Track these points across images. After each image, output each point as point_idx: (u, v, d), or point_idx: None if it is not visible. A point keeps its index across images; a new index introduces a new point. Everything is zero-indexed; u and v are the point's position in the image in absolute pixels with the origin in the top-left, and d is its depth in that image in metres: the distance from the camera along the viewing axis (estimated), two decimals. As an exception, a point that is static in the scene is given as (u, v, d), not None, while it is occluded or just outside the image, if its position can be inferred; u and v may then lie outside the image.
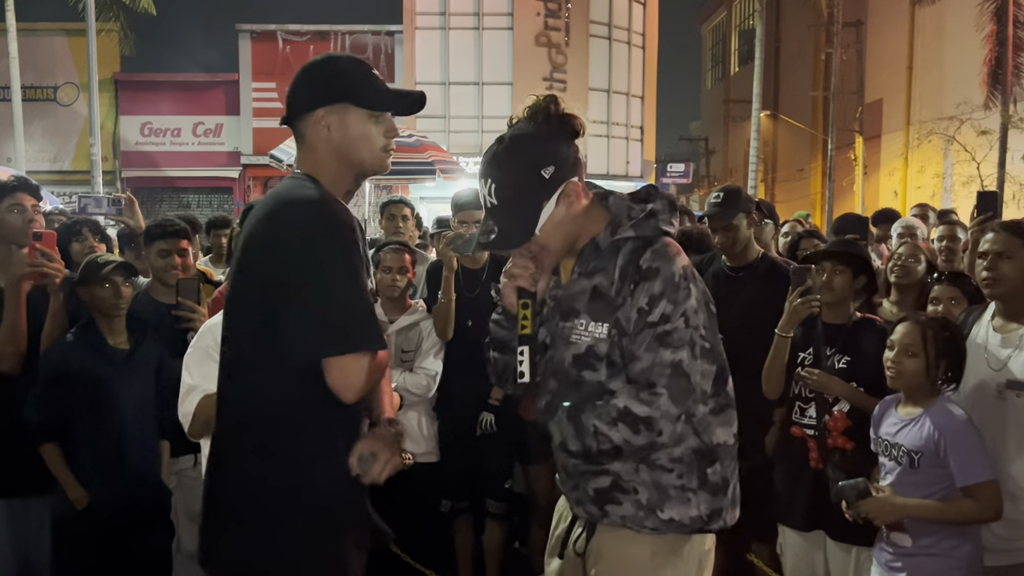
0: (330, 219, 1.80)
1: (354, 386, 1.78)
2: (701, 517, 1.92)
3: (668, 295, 1.85)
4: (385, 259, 3.82)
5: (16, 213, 3.21)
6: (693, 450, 1.90)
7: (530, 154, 1.94)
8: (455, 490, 3.97)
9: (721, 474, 1.94)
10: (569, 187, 1.94)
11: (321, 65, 1.97)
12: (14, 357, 3.04)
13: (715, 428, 1.93)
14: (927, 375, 2.58)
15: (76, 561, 3.02)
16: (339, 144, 1.92)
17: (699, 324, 1.87)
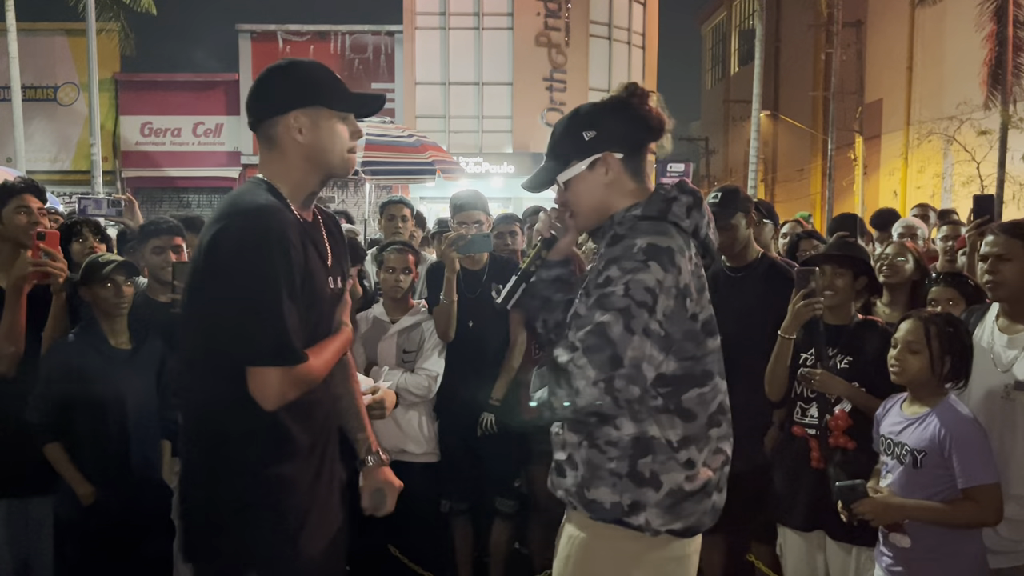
0: (262, 230, 1.82)
1: (269, 397, 1.82)
2: (621, 505, 1.90)
3: (620, 262, 1.84)
4: (389, 259, 3.82)
5: (23, 214, 3.22)
6: (632, 437, 1.89)
7: (581, 117, 2.02)
8: (455, 491, 3.97)
9: (651, 468, 1.89)
10: (606, 157, 1.98)
11: (289, 69, 2.01)
12: (12, 357, 3.04)
13: (653, 421, 1.89)
14: (931, 372, 2.56)
15: (78, 561, 3.02)
16: (311, 146, 1.96)
17: (646, 301, 1.81)
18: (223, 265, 1.82)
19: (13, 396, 3.01)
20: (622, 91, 2.02)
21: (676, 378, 1.90)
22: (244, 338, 1.80)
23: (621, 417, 1.90)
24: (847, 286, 3.11)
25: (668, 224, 1.92)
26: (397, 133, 8.67)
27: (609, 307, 1.81)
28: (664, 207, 1.95)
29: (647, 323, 1.81)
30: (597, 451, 1.93)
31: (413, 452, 3.77)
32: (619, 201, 2.00)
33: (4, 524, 3.18)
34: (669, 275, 1.84)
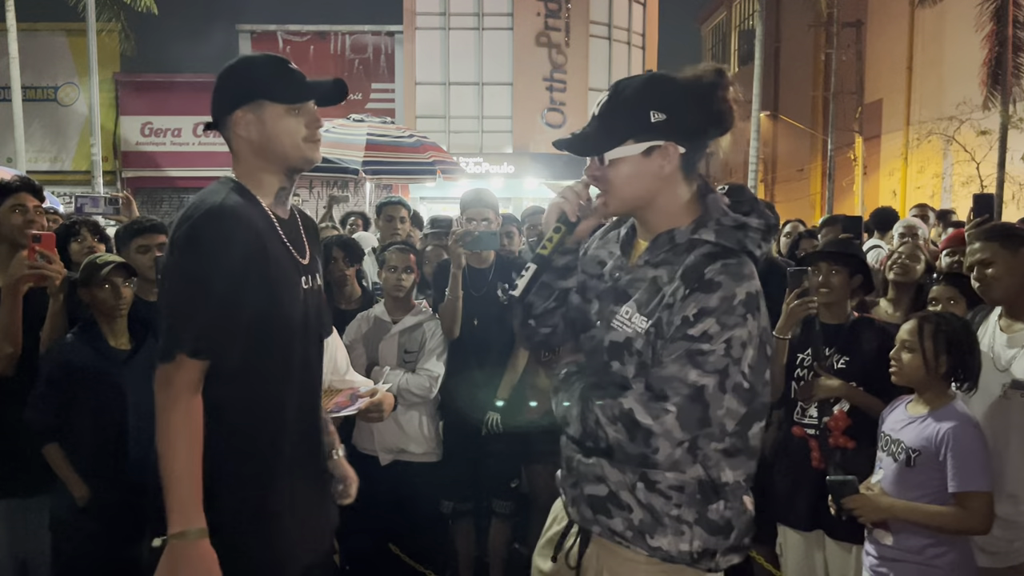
0: (204, 229, 1.81)
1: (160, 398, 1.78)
2: (691, 553, 1.77)
3: (719, 315, 1.67)
4: (390, 258, 3.82)
5: (18, 213, 3.20)
6: (698, 482, 1.76)
7: (655, 91, 1.75)
8: (457, 491, 3.97)
9: (722, 514, 1.78)
10: (668, 147, 1.75)
11: (233, 67, 2.00)
12: (9, 358, 3.03)
13: (724, 467, 1.77)
14: (927, 370, 2.56)
15: (76, 561, 3.02)
16: (258, 142, 1.94)
17: (742, 358, 1.68)
18: (168, 266, 1.86)
19: (11, 396, 3.01)
20: (710, 74, 1.76)
21: (744, 418, 1.76)
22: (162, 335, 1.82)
23: (685, 462, 1.76)
24: (843, 284, 3.11)
25: (747, 259, 1.75)
26: (397, 133, 8.67)
27: (709, 368, 1.66)
28: (740, 237, 1.76)
29: (738, 379, 1.69)
30: (659, 496, 1.77)
31: (414, 452, 3.77)
32: (665, 200, 1.81)
33: (4, 524, 3.18)
34: (756, 323, 1.70)
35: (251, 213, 1.89)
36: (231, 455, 1.86)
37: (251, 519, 1.88)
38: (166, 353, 1.79)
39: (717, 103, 1.75)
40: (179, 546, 1.69)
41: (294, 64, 2.00)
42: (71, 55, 20.58)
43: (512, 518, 4.03)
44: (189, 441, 1.75)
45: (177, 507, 1.70)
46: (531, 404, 3.94)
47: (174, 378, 1.78)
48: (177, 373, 1.78)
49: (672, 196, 1.82)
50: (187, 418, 1.77)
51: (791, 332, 3.12)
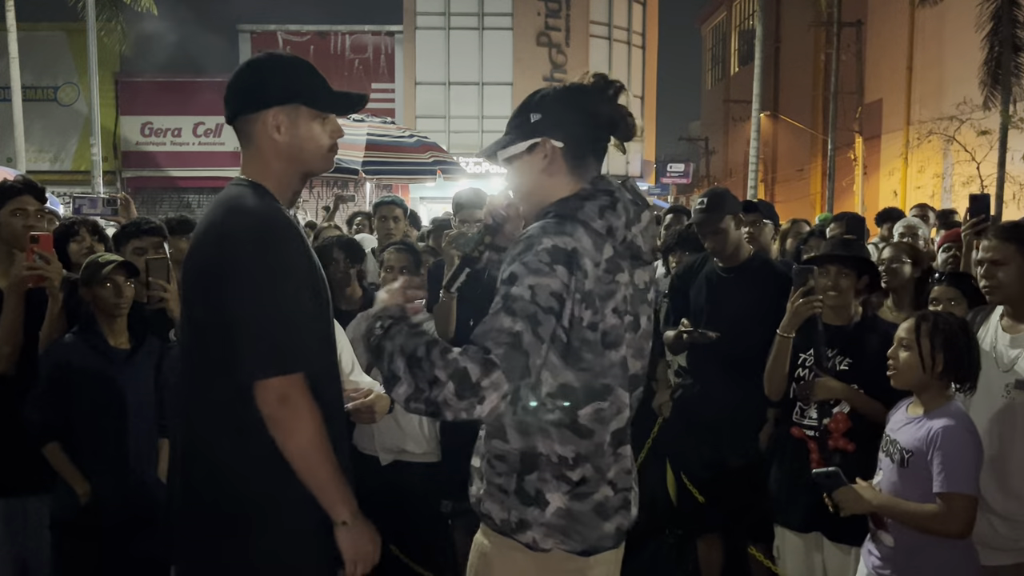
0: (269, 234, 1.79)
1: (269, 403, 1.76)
2: (509, 522, 1.85)
3: (523, 257, 1.73)
4: (389, 259, 3.83)
5: (19, 217, 3.20)
6: (519, 452, 1.83)
7: (535, 98, 1.95)
8: (456, 490, 3.96)
9: (536, 486, 1.81)
10: (545, 144, 1.89)
11: (269, 64, 1.96)
12: (9, 358, 3.04)
13: (543, 436, 1.81)
14: (923, 369, 2.52)
15: (76, 561, 3.02)
16: (288, 145, 1.92)
17: (553, 307, 1.70)
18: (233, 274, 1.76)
19: (11, 396, 3.01)
20: (585, 80, 1.95)
21: (573, 390, 1.79)
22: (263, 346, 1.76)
23: (510, 430, 1.83)
24: (851, 286, 3.11)
25: (577, 224, 1.80)
26: (398, 133, 8.68)
27: (520, 313, 1.68)
28: (576, 206, 1.84)
29: (554, 330, 1.72)
30: (488, 464, 1.90)
31: (413, 452, 3.77)
32: (554, 193, 1.90)
33: (2, 523, 3.18)
34: (574, 279, 1.74)
35: (283, 215, 1.89)
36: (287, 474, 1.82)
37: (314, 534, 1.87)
38: (277, 368, 1.75)
39: (590, 103, 1.91)
40: (353, 526, 1.88)
41: (319, 71, 2.00)
42: (71, 55, 20.60)
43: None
44: (327, 442, 1.82)
45: (340, 500, 1.85)
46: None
47: (294, 394, 1.77)
48: (297, 388, 1.77)
49: (557, 189, 1.91)
50: (320, 423, 1.80)
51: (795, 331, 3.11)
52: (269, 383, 1.75)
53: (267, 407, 1.76)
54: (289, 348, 1.77)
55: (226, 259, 1.78)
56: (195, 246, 1.90)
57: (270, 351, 1.76)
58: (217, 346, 1.80)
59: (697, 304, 3.73)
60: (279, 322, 1.76)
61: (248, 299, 1.76)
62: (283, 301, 1.77)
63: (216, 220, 1.85)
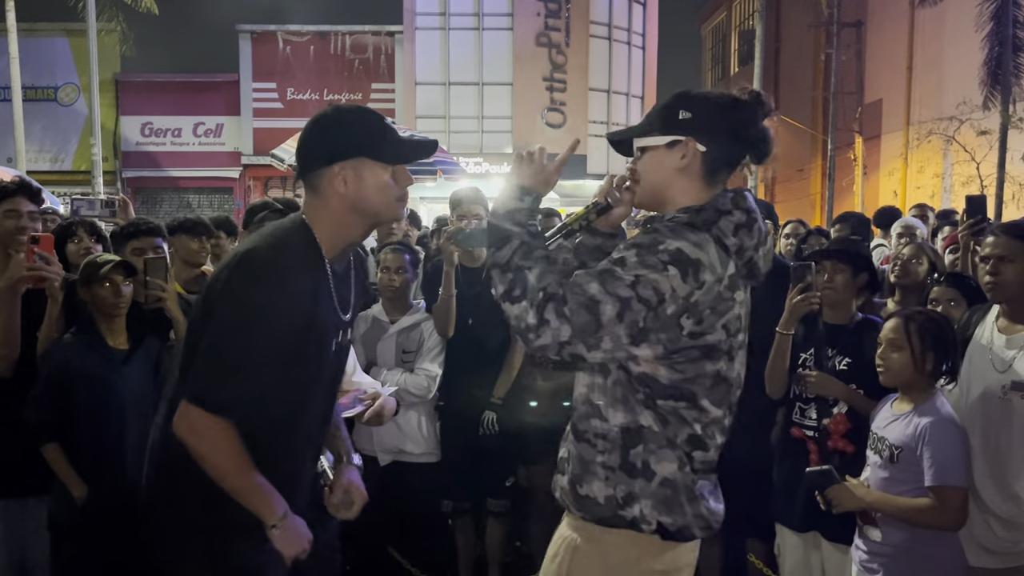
0: (274, 285, 1.82)
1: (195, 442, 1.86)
2: (615, 498, 1.83)
3: (640, 250, 1.75)
4: (384, 259, 3.84)
5: (10, 219, 3.18)
6: (621, 428, 1.83)
7: (687, 96, 1.92)
8: (456, 490, 3.97)
9: (643, 458, 1.82)
10: (689, 143, 1.87)
11: (335, 118, 1.98)
12: (7, 360, 3.04)
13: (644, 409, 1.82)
14: (914, 368, 2.57)
15: (75, 561, 3.02)
16: (355, 197, 1.94)
17: (650, 301, 1.72)
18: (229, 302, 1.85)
19: (10, 396, 3.01)
20: (741, 93, 1.92)
21: (656, 383, 1.81)
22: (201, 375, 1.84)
23: (610, 409, 1.85)
24: (847, 283, 3.10)
25: (709, 237, 1.80)
26: (397, 133, 8.67)
27: (611, 290, 1.72)
28: (712, 218, 1.82)
29: (638, 318, 1.73)
30: (587, 445, 1.87)
31: (413, 452, 3.77)
32: (680, 195, 1.89)
33: (2, 524, 3.18)
34: (686, 287, 1.74)
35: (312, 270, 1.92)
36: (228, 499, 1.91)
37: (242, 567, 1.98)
38: (201, 400, 1.83)
39: (744, 118, 1.88)
40: (283, 527, 1.93)
41: (389, 120, 2.01)
42: (71, 55, 20.59)
43: (509, 516, 4.03)
44: (240, 464, 1.89)
45: (264, 509, 1.91)
46: (531, 404, 3.94)
47: (204, 430, 1.84)
48: (209, 426, 1.84)
49: (688, 192, 1.89)
50: (230, 452, 1.87)
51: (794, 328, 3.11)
52: (190, 407, 1.84)
53: (177, 428, 1.87)
54: (227, 390, 1.83)
55: (223, 285, 1.87)
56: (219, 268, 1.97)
57: (205, 387, 1.83)
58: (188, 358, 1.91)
59: None
60: (229, 363, 1.83)
61: (218, 333, 1.84)
62: (243, 347, 1.82)
63: (242, 251, 1.91)
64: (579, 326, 1.72)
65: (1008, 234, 2.72)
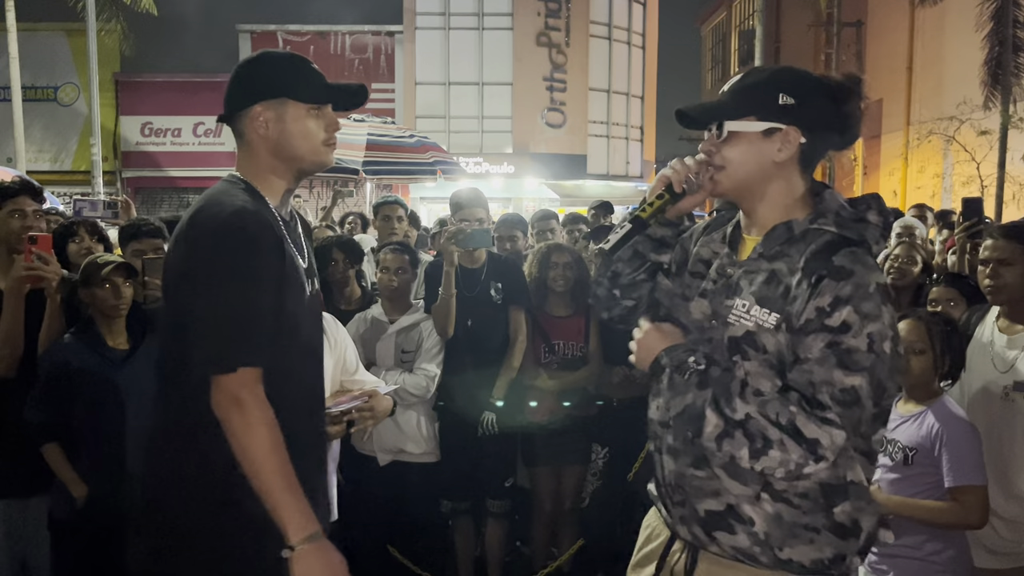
0: (234, 229, 1.75)
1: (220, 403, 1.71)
2: (823, 561, 1.67)
3: (855, 303, 1.58)
4: (384, 260, 3.84)
5: (16, 218, 3.19)
6: (820, 484, 1.66)
7: (788, 78, 1.74)
8: (455, 490, 3.97)
9: (850, 515, 1.67)
10: (790, 132, 1.70)
11: (257, 61, 1.95)
12: (9, 360, 3.04)
13: (853, 464, 1.67)
14: (934, 371, 2.57)
15: (74, 561, 3.02)
16: (276, 140, 1.88)
17: (883, 353, 1.58)
18: (195, 269, 1.76)
19: (10, 396, 3.01)
20: (849, 80, 1.74)
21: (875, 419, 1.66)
22: (211, 345, 1.73)
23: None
24: None
25: (868, 253, 1.66)
26: (398, 133, 8.68)
27: (857, 367, 1.57)
28: (861, 229, 1.69)
29: (879, 377, 1.59)
30: (787, 506, 1.67)
31: (412, 452, 3.77)
32: (778, 192, 1.74)
33: (2, 524, 3.18)
34: (891, 316, 1.63)
35: (265, 213, 1.85)
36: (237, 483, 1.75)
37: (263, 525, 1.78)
38: (227, 365, 1.71)
39: (849, 105, 1.72)
40: (310, 549, 1.67)
41: (316, 65, 1.96)
42: (71, 55, 20.58)
43: (508, 517, 4.03)
44: (282, 450, 1.71)
45: (297, 516, 1.68)
46: (531, 404, 3.94)
47: (243, 393, 1.71)
48: (244, 387, 1.71)
49: (786, 186, 1.75)
50: (273, 429, 1.71)
51: None
52: (221, 381, 1.71)
53: (220, 410, 1.72)
54: (239, 345, 1.72)
55: (189, 255, 1.78)
56: (172, 242, 1.89)
57: (220, 347, 1.72)
58: (179, 343, 1.77)
59: None
60: (230, 319, 1.72)
61: (202, 295, 1.74)
62: (236, 298, 1.73)
63: (190, 216, 1.84)
64: (851, 424, 1.58)
65: (1006, 237, 2.72)
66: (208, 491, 1.78)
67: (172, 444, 1.83)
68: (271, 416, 1.73)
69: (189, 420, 1.79)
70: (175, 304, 1.82)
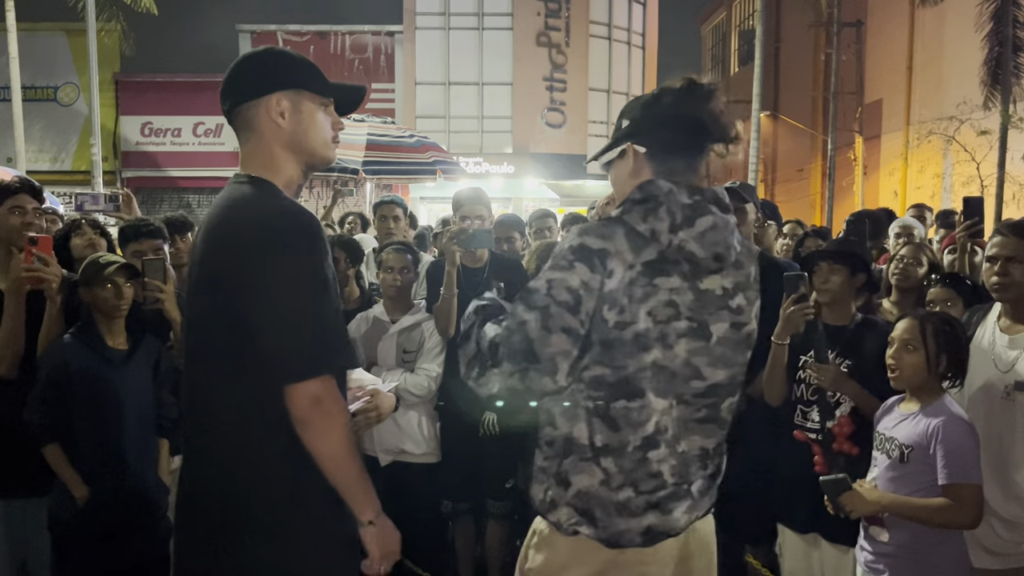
0: (295, 231, 1.75)
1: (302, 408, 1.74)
2: (544, 502, 1.92)
3: (553, 258, 1.85)
4: (387, 259, 3.83)
5: (16, 215, 3.19)
6: (563, 437, 1.89)
7: (628, 105, 2.04)
8: (456, 491, 3.97)
9: (567, 467, 1.89)
10: (630, 148, 1.95)
11: (269, 53, 1.96)
12: (11, 360, 3.04)
13: (581, 422, 1.86)
14: (928, 370, 2.56)
15: (75, 561, 3.02)
16: (292, 131, 1.89)
17: (567, 301, 1.78)
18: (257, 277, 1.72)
19: (11, 397, 3.01)
20: (677, 83, 1.93)
21: (606, 384, 1.84)
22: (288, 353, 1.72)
23: (559, 416, 1.90)
24: (843, 284, 3.08)
25: (619, 225, 1.84)
26: (398, 133, 8.67)
27: (530, 304, 1.81)
28: (627, 208, 1.89)
29: (567, 322, 1.79)
30: (538, 450, 1.96)
31: (413, 452, 3.77)
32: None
33: (2, 524, 3.18)
34: (596, 276, 1.79)
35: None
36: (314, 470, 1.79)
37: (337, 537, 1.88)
38: (308, 372, 1.72)
39: (678, 108, 1.90)
40: (382, 523, 1.89)
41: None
42: (71, 55, 20.58)
43: (509, 518, 4.03)
44: (356, 446, 1.84)
45: (366, 501, 1.85)
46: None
47: (325, 397, 1.74)
48: (327, 390, 1.75)
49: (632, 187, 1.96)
50: (348, 432, 1.81)
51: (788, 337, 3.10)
52: (302, 386, 1.72)
53: (299, 410, 1.73)
54: (321, 350, 1.75)
55: (252, 259, 1.73)
56: (209, 249, 1.81)
57: (303, 354, 1.73)
58: (238, 348, 1.75)
59: None
60: (311, 323, 1.74)
61: (271, 303, 1.72)
62: (313, 302, 1.74)
63: (233, 220, 1.79)
64: (518, 353, 1.81)
65: (1016, 234, 2.70)
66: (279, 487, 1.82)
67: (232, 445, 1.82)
68: (347, 416, 1.83)
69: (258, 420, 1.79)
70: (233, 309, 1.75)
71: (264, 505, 1.81)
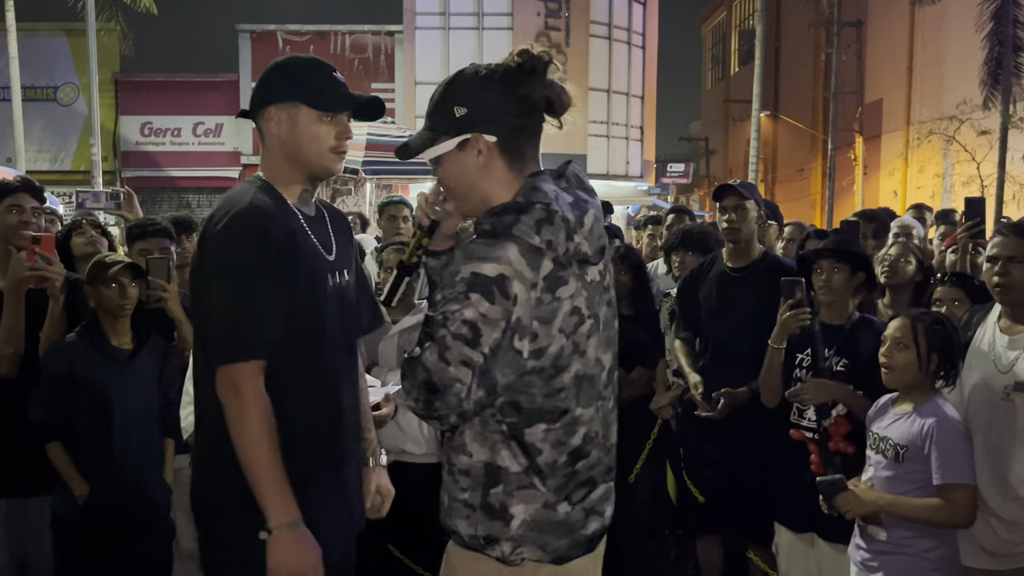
0: (242, 228, 1.85)
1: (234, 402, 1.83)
2: (477, 537, 1.75)
3: (443, 289, 1.67)
4: (387, 259, 3.85)
5: (14, 214, 3.19)
6: (483, 465, 1.74)
7: (456, 88, 1.80)
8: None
9: (501, 500, 1.73)
10: (476, 139, 1.75)
11: (281, 64, 2.04)
12: (11, 359, 3.04)
13: (503, 448, 1.73)
14: (919, 368, 2.58)
15: (76, 561, 3.02)
16: (286, 142, 1.98)
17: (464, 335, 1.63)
18: (207, 265, 1.89)
19: (13, 396, 3.01)
20: (510, 61, 1.79)
21: (518, 410, 1.71)
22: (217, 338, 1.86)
23: (473, 443, 1.74)
24: (843, 282, 3.08)
25: (510, 243, 1.64)
26: (398, 133, 8.68)
27: (429, 335, 1.66)
28: (511, 222, 1.66)
29: (465, 355, 1.63)
30: (452, 481, 1.79)
31: (413, 452, 3.77)
32: (495, 190, 1.77)
33: (3, 523, 3.18)
34: (497, 308, 1.63)
35: (280, 211, 1.93)
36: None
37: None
38: (228, 356, 1.83)
39: (519, 87, 1.77)
40: (286, 535, 1.81)
41: (338, 73, 2.03)
42: (71, 55, 20.57)
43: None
44: (271, 440, 1.82)
45: (278, 502, 1.81)
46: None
47: (242, 383, 1.82)
48: (244, 377, 1.82)
49: (497, 188, 1.78)
50: (265, 420, 1.83)
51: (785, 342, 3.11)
52: (223, 370, 1.83)
53: (220, 393, 1.84)
54: (247, 337, 1.83)
55: (202, 252, 1.91)
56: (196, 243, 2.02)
57: (227, 337, 1.84)
58: (200, 335, 1.98)
59: (708, 305, 3.74)
60: (233, 313, 1.83)
61: (212, 290, 1.87)
62: (249, 292, 1.83)
63: (208, 216, 1.96)
64: (420, 384, 1.65)
65: (1016, 234, 2.70)
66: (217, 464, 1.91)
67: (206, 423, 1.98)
68: (264, 408, 1.83)
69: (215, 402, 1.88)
70: (193, 300, 1.98)
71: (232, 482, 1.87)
